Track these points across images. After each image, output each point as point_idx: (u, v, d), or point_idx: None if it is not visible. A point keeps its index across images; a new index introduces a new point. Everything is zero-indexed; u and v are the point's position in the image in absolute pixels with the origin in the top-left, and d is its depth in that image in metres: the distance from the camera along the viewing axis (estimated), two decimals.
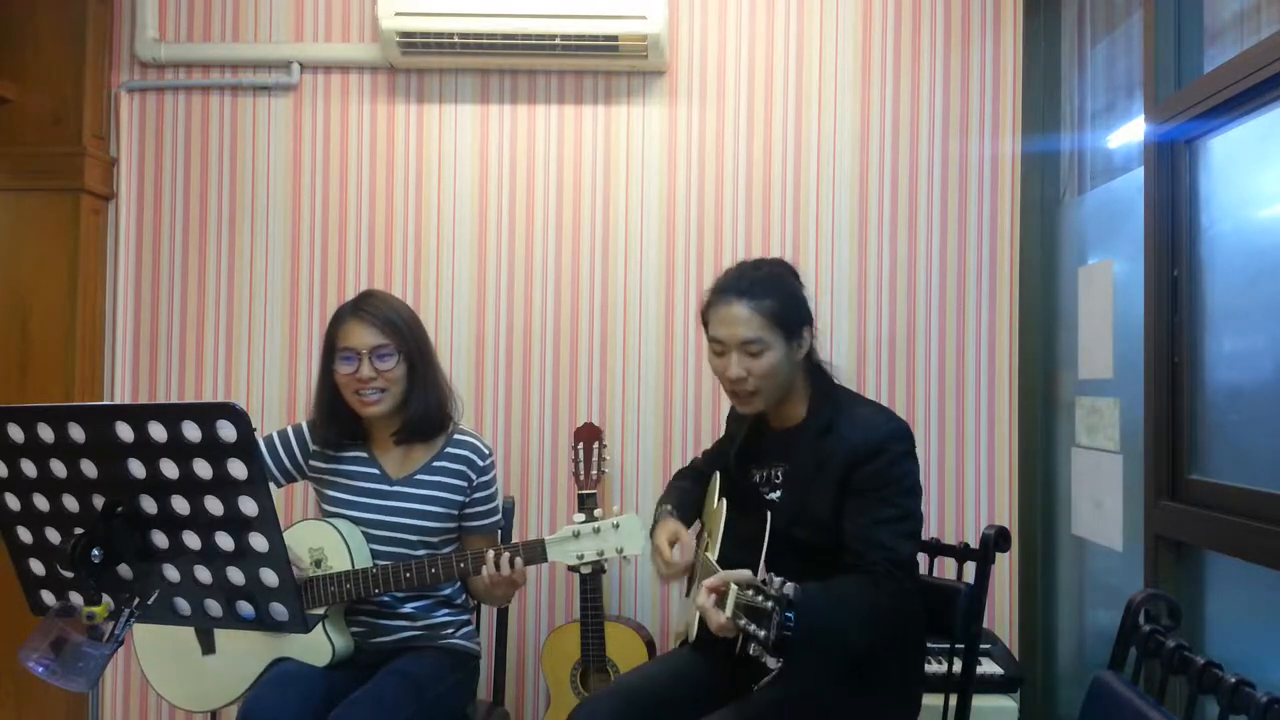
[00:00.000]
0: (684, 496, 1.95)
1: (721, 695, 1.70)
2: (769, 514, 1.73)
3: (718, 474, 1.94)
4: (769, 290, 1.71)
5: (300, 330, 2.78)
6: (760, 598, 1.40)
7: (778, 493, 1.77)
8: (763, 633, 1.38)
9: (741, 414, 1.88)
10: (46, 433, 1.30)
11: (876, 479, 1.64)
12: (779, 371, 1.70)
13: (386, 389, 1.91)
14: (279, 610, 1.33)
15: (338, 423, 1.98)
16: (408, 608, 1.97)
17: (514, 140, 2.78)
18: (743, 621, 1.41)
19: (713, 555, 1.70)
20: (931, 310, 2.75)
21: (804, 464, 1.72)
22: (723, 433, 2.06)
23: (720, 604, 1.46)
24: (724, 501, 1.79)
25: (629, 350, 2.77)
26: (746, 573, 1.51)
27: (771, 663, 1.55)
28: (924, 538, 1.95)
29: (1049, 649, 2.64)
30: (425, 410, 1.95)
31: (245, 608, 1.34)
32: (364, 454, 2.00)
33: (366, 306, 1.94)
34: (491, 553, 1.78)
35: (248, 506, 1.27)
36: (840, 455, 1.67)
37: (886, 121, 2.76)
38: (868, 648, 1.59)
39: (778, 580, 1.39)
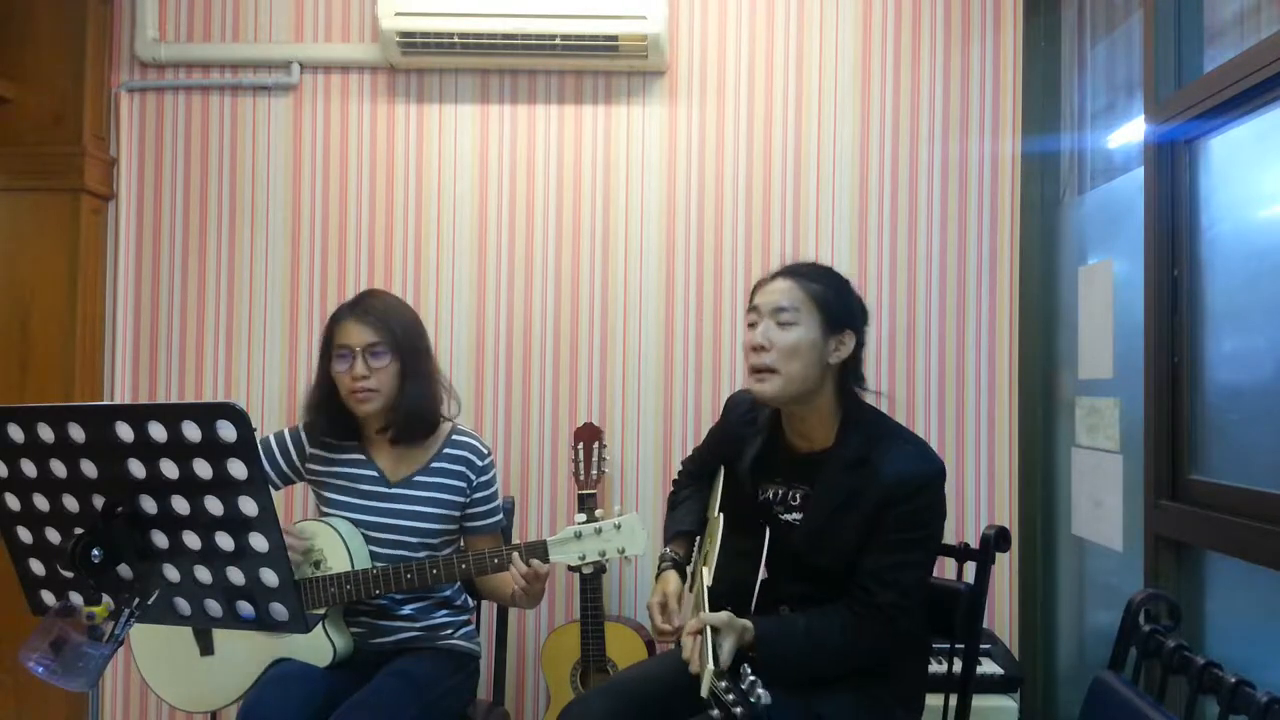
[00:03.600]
0: (687, 513, 1.92)
1: None
2: (768, 530, 1.70)
3: (721, 475, 1.89)
4: (819, 277, 1.69)
5: (300, 330, 2.78)
6: (732, 698, 1.37)
7: (793, 514, 1.73)
8: (733, 709, 1.36)
9: (752, 420, 1.82)
10: (46, 433, 1.30)
11: (908, 522, 1.60)
12: (803, 355, 1.62)
13: (379, 388, 1.91)
14: (279, 610, 1.33)
15: (334, 421, 1.97)
16: (407, 609, 1.97)
17: (514, 140, 2.78)
18: (715, 714, 1.39)
19: (708, 571, 1.67)
20: (931, 310, 2.75)
21: (832, 493, 1.65)
22: (718, 421, 1.97)
23: (702, 663, 1.45)
24: (721, 516, 1.76)
25: (629, 350, 2.77)
26: (724, 616, 1.51)
27: None
28: None
29: (1049, 649, 2.64)
30: (412, 408, 1.93)
31: (245, 608, 1.34)
32: (362, 456, 2.00)
33: (362, 305, 1.94)
34: (516, 555, 1.77)
35: (248, 506, 1.27)
36: (874, 491, 1.61)
37: (886, 121, 2.76)
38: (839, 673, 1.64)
39: (751, 679, 1.35)
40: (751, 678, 1.36)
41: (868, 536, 1.62)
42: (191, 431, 1.24)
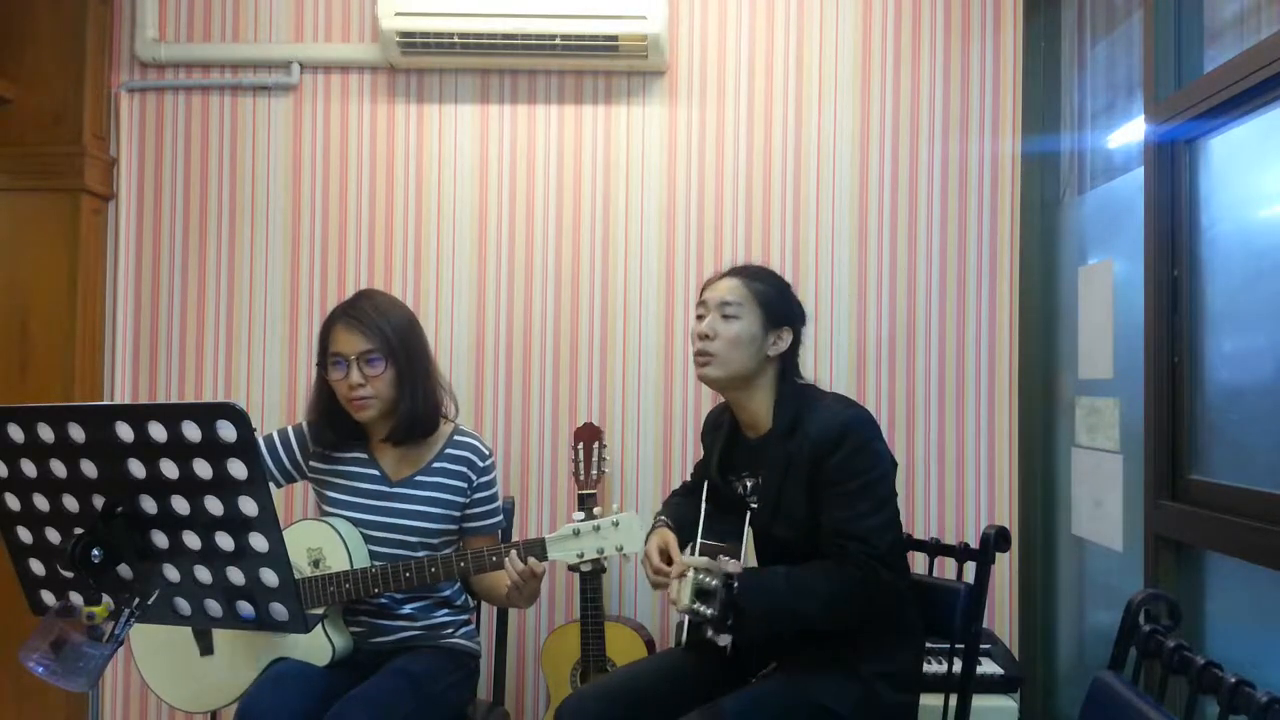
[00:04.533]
0: (678, 509, 1.96)
1: (711, 694, 1.70)
2: (749, 516, 1.77)
3: (706, 485, 1.95)
4: (762, 277, 1.84)
5: (300, 330, 2.78)
6: (708, 578, 1.44)
7: (757, 500, 1.80)
8: (709, 610, 1.44)
9: (717, 426, 1.93)
10: (46, 433, 1.30)
11: (845, 470, 1.67)
12: (744, 345, 1.76)
13: (376, 394, 1.91)
14: (279, 610, 1.33)
15: (336, 425, 1.97)
16: (407, 608, 1.97)
17: (514, 140, 2.78)
18: (696, 605, 1.47)
19: (693, 556, 1.72)
20: (931, 310, 2.75)
21: (775, 466, 1.75)
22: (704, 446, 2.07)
23: (683, 587, 1.57)
24: (706, 505, 1.82)
25: (629, 350, 2.77)
26: (704, 560, 1.61)
27: (722, 639, 1.61)
28: (924, 538, 1.95)
29: (1049, 649, 2.64)
30: (413, 413, 1.93)
31: (245, 608, 1.34)
32: (364, 455, 2.00)
33: (355, 311, 1.92)
34: (515, 552, 1.78)
35: (248, 506, 1.27)
36: (805, 451, 1.70)
37: (886, 121, 2.76)
38: (833, 624, 1.68)
39: (725, 559, 1.48)
40: (724, 558, 1.49)
41: (814, 498, 1.70)
42: (191, 431, 1.24)
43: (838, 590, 1.64)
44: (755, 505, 1.80)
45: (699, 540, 1.76)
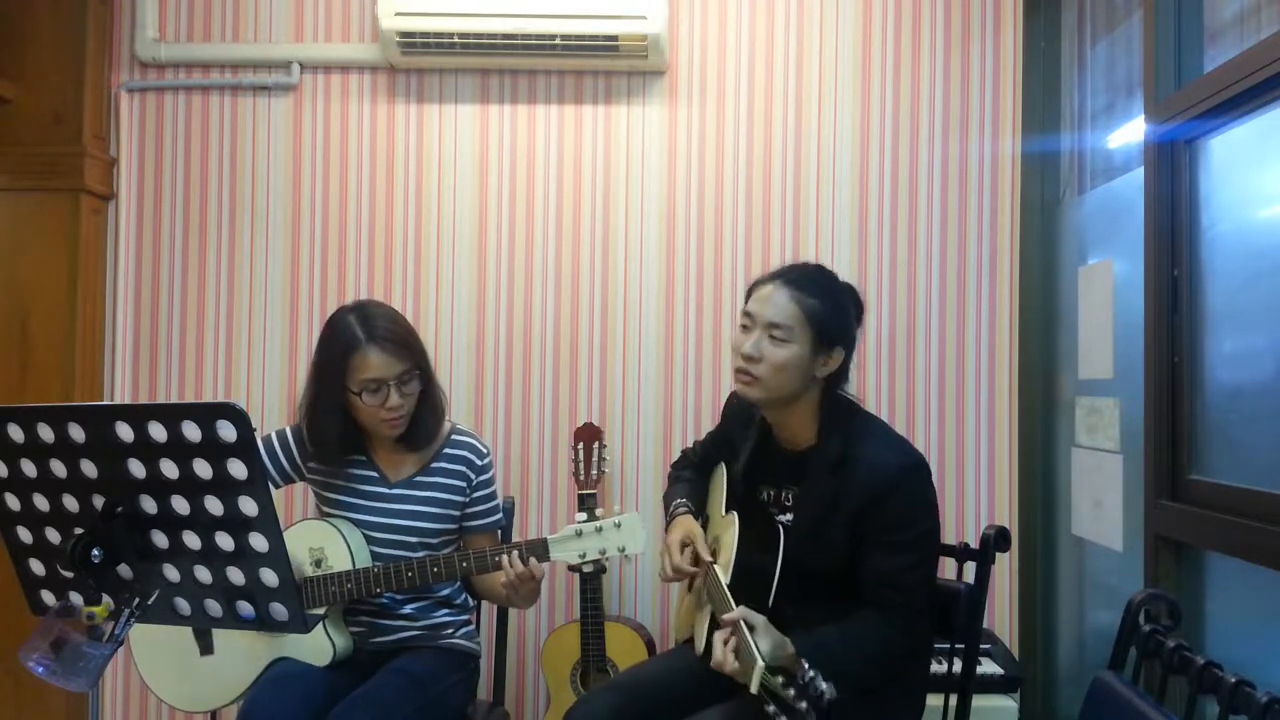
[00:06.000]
0: (693, 489, 1.94)
1: (720, 694, 1.70)
2: (781, 540, 1.71)
3: (722, 469, 1.91)
4: (817, 291, 1.69)
5: (300, 330, 2.78)
6: (793, 694, 1.32)
7: (788, 516, 1.75)
8: None
9: (747, 423, 1.85)
10: (46, 433, 1.30)
11: (895, 521, 1.61)
12: (791, 371, 1.66)
13: (409, 411, 1.91)
14: (279, 610, 1.33)
15: (344, 441, 1.94)
16: (408, 608, 1.97)
17: (514, 140, 2.78)
18: (770, 709, 1.36)
19: (724, 575, 1.68)
20: (931, 310, 2.75)
21: (817, 496, 1.68)
22: (718, 423, 2.00)
23: (739, 660, 1.45)
24: (734, 515, 1.77)
25: (629, 350, 2.77)
26: (761, 619, 1.52)
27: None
28: None
29: (1049, 649, 2.65)
30: (430, 421, 1.96)
31: (245, 608, 1.34)
32: (362, 457, 2.00)
33: (382, 332, 1.87)
34: (515, 553, 1.77)
35: (248, 506, 1.28)
36: (854, 492, 1.63)
37: (886, 121, 2.76)
38: (883, 679, 1.64)
39: (810, 674, 1.33)
40: (811, 672, 1.34)
41: (856, 536, 1.64)
42: (191, 431, 1.25)
43: (887, 649, 1.61)
44: (784, 520, 1.74)
45: (730, 563, 1.70)
